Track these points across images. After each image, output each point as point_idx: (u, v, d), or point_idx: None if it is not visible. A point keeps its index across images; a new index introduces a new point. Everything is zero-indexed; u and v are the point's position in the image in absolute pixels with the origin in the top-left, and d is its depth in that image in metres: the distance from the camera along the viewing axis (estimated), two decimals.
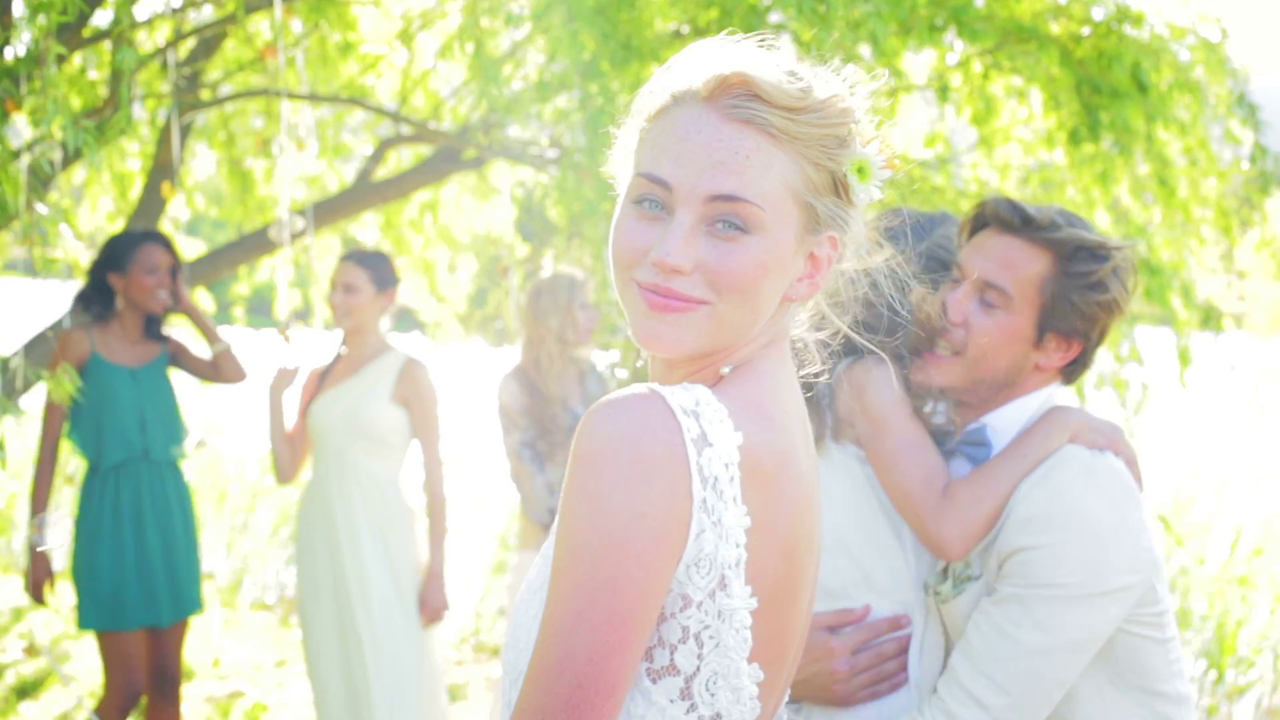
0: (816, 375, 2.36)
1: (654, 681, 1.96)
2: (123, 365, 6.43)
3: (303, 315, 8.81)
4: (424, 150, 9.79)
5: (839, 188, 2.08)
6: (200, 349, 7.01)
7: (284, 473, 6.83)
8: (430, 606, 6.46)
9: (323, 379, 6.70)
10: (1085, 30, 7.10)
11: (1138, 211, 8.25)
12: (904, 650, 3.40)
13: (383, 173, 9.77)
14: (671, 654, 1.94)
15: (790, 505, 2.01)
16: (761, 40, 2.11)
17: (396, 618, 6.45)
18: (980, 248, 3.30)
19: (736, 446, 1.93)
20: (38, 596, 6.37)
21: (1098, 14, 7.19)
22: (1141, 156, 7.54)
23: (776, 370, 2.14)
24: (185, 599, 6.59)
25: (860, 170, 2.08)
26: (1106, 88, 6.98)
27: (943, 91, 7.43)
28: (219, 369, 6.75)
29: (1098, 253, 3.22)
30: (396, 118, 8.80)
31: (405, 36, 8.59)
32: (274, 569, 11.88)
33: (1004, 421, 3.36)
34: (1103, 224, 8.42)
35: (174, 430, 6.60)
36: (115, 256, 6.43)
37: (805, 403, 3.51)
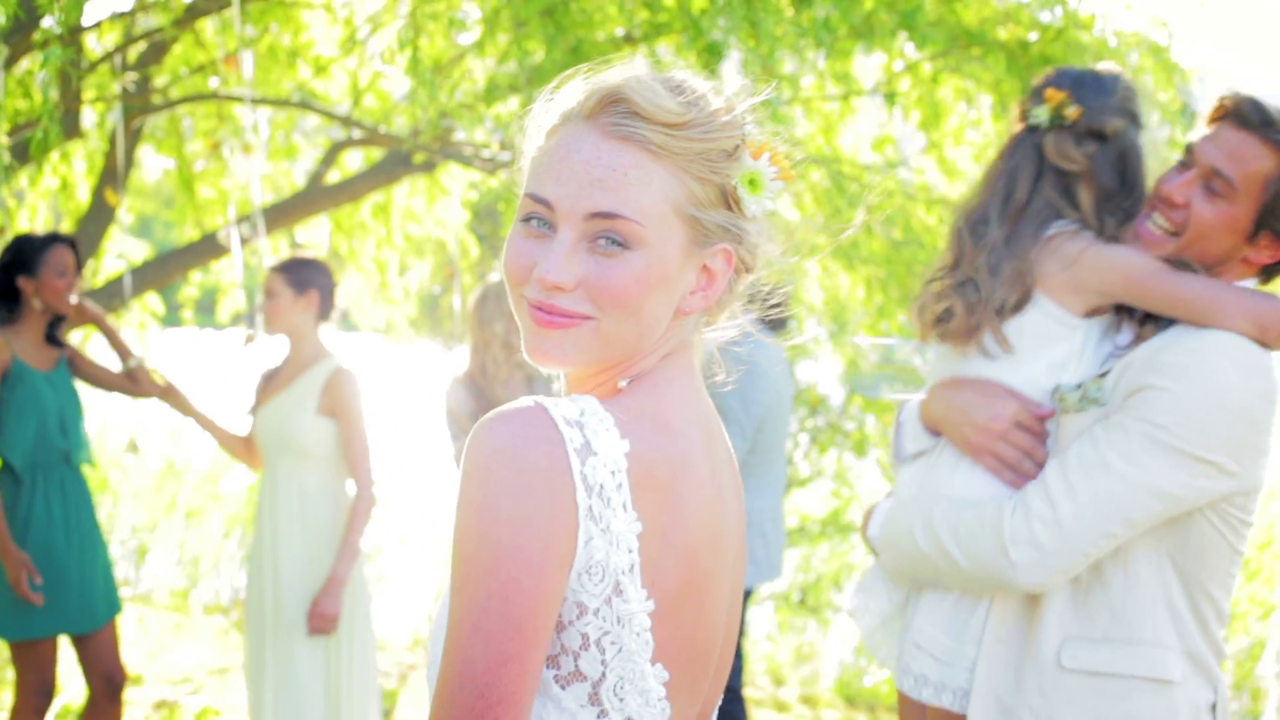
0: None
1: (563, 688, 1.99)
2: (39, 370, 6.40)
3: (251, 319, 8.78)
4: (376, 153, 9.80)
5: (729, 200, 2.11)
6: (104, 358, 6.99)
7: (251, 465, 6.90)
8: (317, 613, 6.35)
9: (266, 387, 6.70)
10: (1033, 35, 7.13)
11: None
12: (1042, 466, 3.52)
13: (335, 176, 9.78)
14: (575, 660, 1.98)
15: (689, 509, 2.04)
16: (681, 62, 2.15)
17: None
18: (1214, 138, 3.41)
19: (623, 454, 1.96)
20: (21, 592, 6.28)
21: (1046, 18, 7.22)
22: None
23: (676, 379, 2.17)
24: (112, 601, 6.57)
25: (751, 182, 2.11)
26: None
27: (890, 98, 7.46)
28: (137, 383, 6.71)
29: None
30: (347, 121, 8.80)
31: (350, 41, 8.57)
32: (227, 572, 11.86)
33: None
34: None
35: (83, 434, 6.58)
36: (24, 259, 6.36)
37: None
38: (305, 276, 6.52)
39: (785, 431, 6.95)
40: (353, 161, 10.42)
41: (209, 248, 8.84)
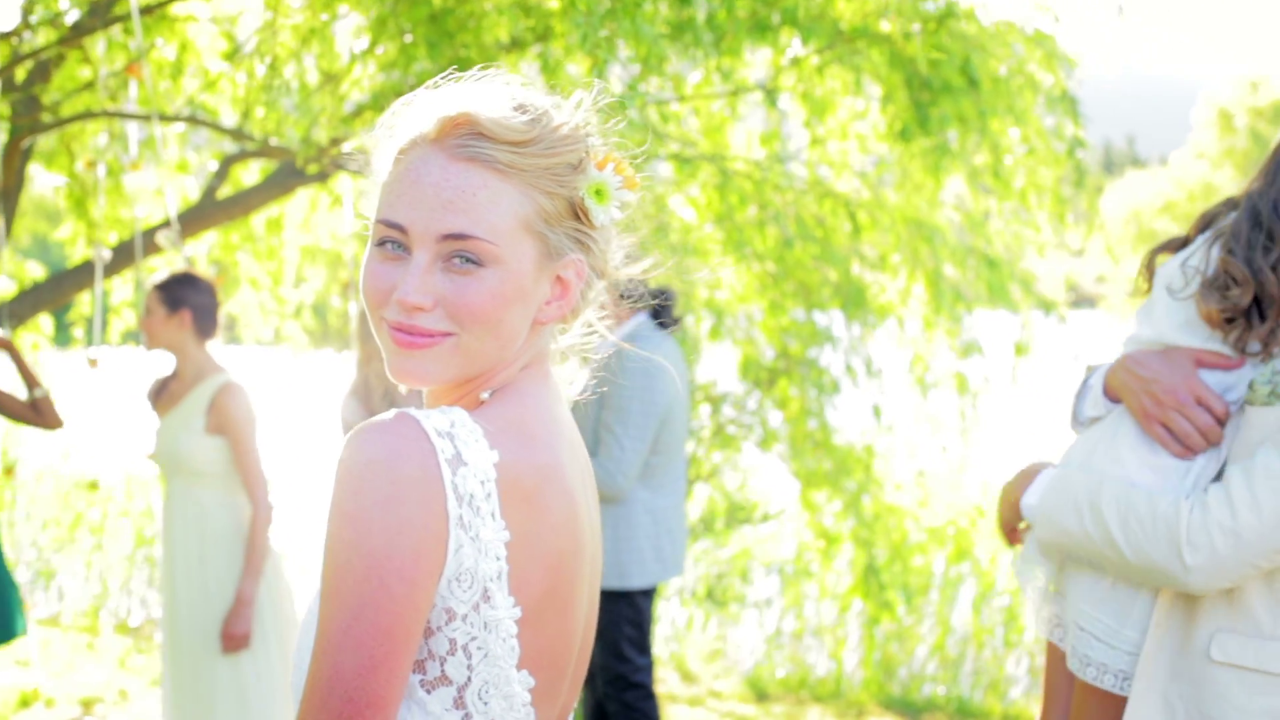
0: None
1: (428, 692, 2.04)
2: None
3: (137, 337, 8.70)
4: (271, 165, 9.76)
5: (578, 212, 2.17)
6: (13, 386, 6.97)
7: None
8: (226, 633, 6.33)
9: (159, 401, 6.68)
10: (915, 27, 7.17)
11: (974, 203, 8.40)
12: (1215, 443, 3.40)
13: (229, 189, 9.74)
14: (442, 665, 2.03)
15: (554, 518, 2.10)
16: (497, 75, 2.19)
17: (214, 647, 6.41)
18: None
19: (492, 464, 2.01)
20: None
21: (930, 8, 7.26)
22: (977, 149, 7.66)
23: (537, 390, 2.22)
24: (11, 625, 6.55)
25: (598, 193, 2.17)
26: (937, 83, 7.08)
27: (770, 94, 7.51)
28: (41, 414, 6.68)
29: None
30: (238, 134, 8.77)
31: (234, 54, 8.54)
32: (137, 590, 11.80)
33: None
34: (941, 218, 8.57)
35: None
36: None
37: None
38: (179, 295, 6.51)
39: (685, 428, 7.01)
40: (250, 175, 10.38)
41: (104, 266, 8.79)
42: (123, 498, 13.19)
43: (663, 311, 6.71)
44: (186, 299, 6.51)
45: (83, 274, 8.99)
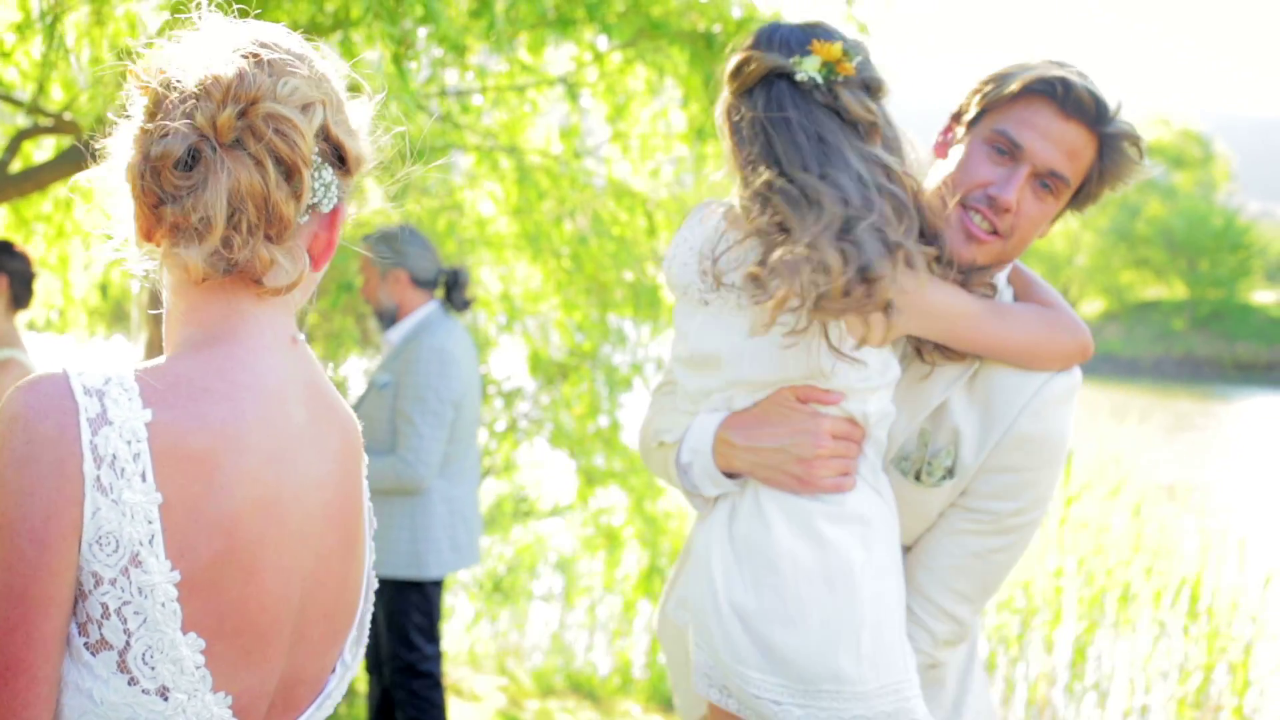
0: None
1: (94, 655, 2.01)
2: None
3: None
4: (67, 141, 9.56)
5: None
6: None
7: None
8: None
9: None
10: (716, 28, 7.21)
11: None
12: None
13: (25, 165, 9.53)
14: (100, 629, 2.00)
15: (228, 477, 2.05)
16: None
17: None
18: (1046, 133, 3.12)
19: (144, 424, 1.99)
20: None
21: (737, 14, 7.29)
22: None
23: (228, 344, 2.14)
24: None
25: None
26: None
27: (570, 89, 7.52)
28: None
29: (1138, 140, 3.16)
30: (32, 109, 8.58)
31: (26, 26, 8.36)
32: None
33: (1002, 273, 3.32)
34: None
35: None
36: None
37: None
38: None
39: (478, 416, 7.03)
40: (44, 152, 10.16)
41: None
42: None
43: (454, 295, 6.74)
44: (3, 265, 6.38)
45: None
